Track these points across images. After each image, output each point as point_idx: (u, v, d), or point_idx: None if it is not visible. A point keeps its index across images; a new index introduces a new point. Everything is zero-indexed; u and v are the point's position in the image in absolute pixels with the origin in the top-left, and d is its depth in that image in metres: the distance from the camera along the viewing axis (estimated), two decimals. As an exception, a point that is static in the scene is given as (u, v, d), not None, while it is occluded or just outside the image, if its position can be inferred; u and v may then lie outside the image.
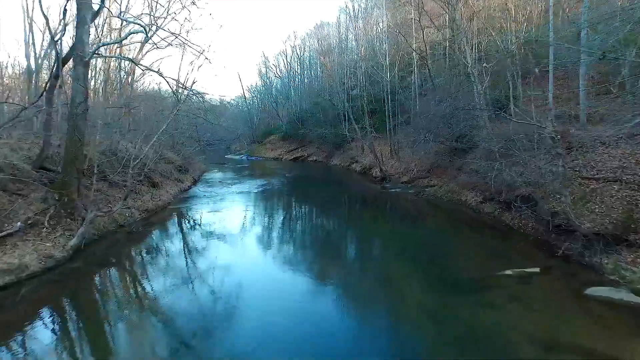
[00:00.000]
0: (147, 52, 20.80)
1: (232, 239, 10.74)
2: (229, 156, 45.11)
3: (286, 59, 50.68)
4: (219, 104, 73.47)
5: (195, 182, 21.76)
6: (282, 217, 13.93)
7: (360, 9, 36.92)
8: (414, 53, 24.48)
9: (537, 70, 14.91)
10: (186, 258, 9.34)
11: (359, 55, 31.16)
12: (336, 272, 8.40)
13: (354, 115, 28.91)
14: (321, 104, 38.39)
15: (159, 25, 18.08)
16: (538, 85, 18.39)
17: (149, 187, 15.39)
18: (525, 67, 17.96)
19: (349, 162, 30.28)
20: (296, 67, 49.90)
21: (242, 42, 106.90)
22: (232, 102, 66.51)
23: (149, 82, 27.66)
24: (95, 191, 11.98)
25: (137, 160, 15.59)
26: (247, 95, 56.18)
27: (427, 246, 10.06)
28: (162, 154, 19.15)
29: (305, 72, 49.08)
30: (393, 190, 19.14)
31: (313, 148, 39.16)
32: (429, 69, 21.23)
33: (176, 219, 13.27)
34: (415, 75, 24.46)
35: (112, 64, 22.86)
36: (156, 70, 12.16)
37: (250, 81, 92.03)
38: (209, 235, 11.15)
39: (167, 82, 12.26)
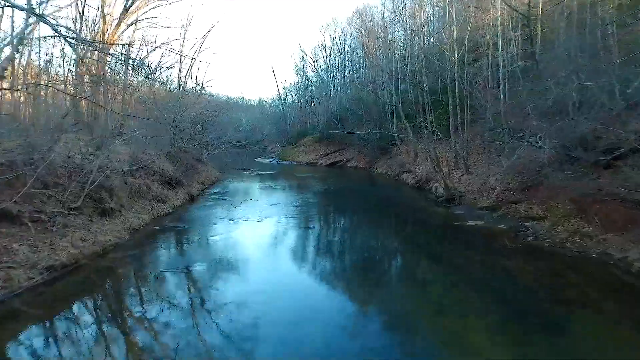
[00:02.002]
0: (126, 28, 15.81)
1: None
2: (259, 159, 40.03)
3: (324, 51, 44.78)
4: (256, 104, 69.79)
5: (192, 199, 16.38)
6: (291, 290, 7.62)
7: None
8: (498, 22, 17.24)
9: None
10: None
11: (415, 28, 24.20)
12: None
13: (404, 111, 22.25)
14: (363, 98, 31.95)
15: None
16: None
17: (91, 217, 10.02)
18: None
19: (398, 171, 23.52)
20: (336, 60, 43.83)
21: (278, 35, 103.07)
22: (269, 101, 62.13)
23: (166, 75, 22.96)
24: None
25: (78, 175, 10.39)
26: (281, 92, 50.98)
27: None
28: (138, 163, 13.95)
29: (347, 63, 42.79)
30: (471, 221, 12.32)
31: (353, 152, 32.81)
32: (531, 39, 13.89)
33: (93, 292, 7.45)
34: (500, 53, 17.20)
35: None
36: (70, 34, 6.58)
37: (287, 78, 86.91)
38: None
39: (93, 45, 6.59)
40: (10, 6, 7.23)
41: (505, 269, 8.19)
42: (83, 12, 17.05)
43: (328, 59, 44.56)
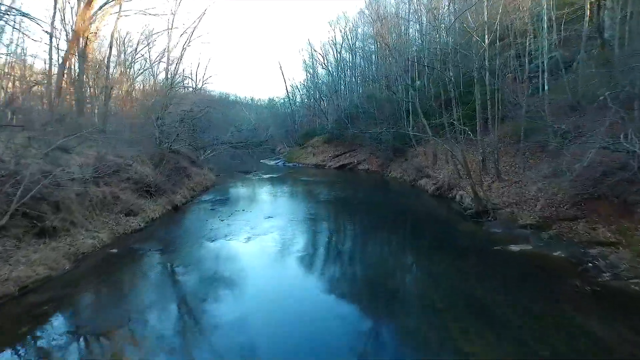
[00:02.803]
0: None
1: None
2: (264, 161, 37.68)
3: (335, 47, 42.21)
4: (266, 104, 67.60)
5: (176, 209, 14.05)
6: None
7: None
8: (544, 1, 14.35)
9: None
10: None
11: (435, 8, 21.42)
12: None
13: (421, 108, 19.54)
14: (376, 95, 29.36)
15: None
16: None
17: (20, 241, 7.70)
18: None
19: (415, 176, 20.79)
20: (347, 56, 41.22)
21: (287, 32, 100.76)
22: (279, 100, 59.89)
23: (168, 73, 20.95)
24: None
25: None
26: (289, 90, 48.60)
27: None
28: (106, 167, 11.68)
29: (358, 60, 40.14)
30: (514, 245, 9.60)
31: (365, 153, 30.18)
32: (598, 8, 10.89)
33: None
34: (545, 36, 14.33)
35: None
36: None
37: (296, 75, 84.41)
38: None
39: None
40: None
41: (591, 336, 5.44)
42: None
43: (339, 55, 42.03)
